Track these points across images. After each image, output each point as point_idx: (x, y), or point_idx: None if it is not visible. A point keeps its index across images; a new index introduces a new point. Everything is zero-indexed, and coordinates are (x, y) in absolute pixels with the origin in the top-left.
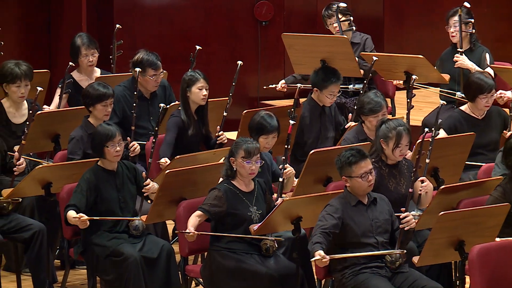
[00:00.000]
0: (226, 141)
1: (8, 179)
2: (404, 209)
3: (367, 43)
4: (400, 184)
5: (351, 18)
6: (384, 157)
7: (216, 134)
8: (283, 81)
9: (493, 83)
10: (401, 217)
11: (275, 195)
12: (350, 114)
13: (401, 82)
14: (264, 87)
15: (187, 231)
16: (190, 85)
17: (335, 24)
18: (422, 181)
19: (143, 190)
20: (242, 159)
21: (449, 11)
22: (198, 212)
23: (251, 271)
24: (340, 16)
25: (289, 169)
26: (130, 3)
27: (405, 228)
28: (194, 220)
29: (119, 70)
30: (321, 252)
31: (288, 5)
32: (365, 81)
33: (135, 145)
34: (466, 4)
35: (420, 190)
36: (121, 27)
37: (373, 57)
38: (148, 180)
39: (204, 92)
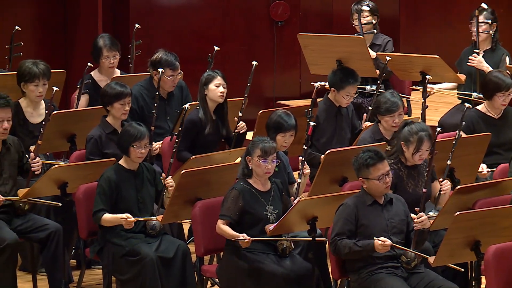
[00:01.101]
0: (245, 129)
1: (24, 179)
2: (418, 209)
3: (388, 46)
4: (418, 186)
5: (373, 20)
6: (403, 159)
7: (236, 126)
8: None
9: (511, 81)
10: (415, 217)
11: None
12: (365, 114)
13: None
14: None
15: (242, 238)
16: (207, 82)
17: (361, 21)
18: (442, 181)
19: (165, 183)
20: (259, 158)
21: (474, 10)
22: (222, 221)
23: (267, 271)
24: (367, 14)
25: (306, 167)
26: (146, 3)
27: (419, 228)
28: (227, 228)
29: (137, 70)
30: (383, 237)
31: (304, 5)
32: (378, 81)
33: (156, 147)
34: (484, 5)
35: (442, 192)
36: (140, 27)
37: (386, 57)
38: (169, 177)
39: (221, 89)
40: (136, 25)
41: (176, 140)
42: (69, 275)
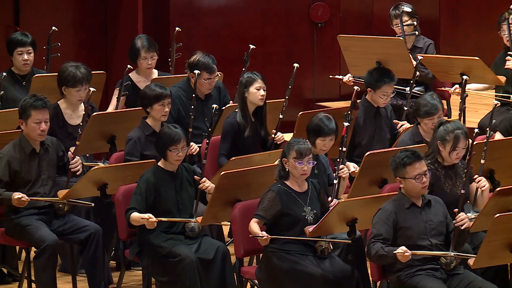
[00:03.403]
0: (282, 140)
1: (64, 180)
2: (456, 210)
3: (429, 49)
4: (456, 186)
5: (415, 22)
6: (440, 159)
7: (272, 136)
8: (349, 74)
9: None
10: (456, 217)
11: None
12: (405, 109)
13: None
14: (330, 76)
15: (260, 235)
16: (248, 85)
17: (402, 23)
18: (479, 180)
19: (199, 186)
20: (294, 159)
21: (503, 12)
22: (255, 219)
23: (307, 273)
24: (406, 18)
25: (345, 169)
26: (186, 4)
27: (461, 227)
28: (255, 226)
29: (177, 72)
30: (403, 248)
31: (344, 6)
32: (411, 81)
33: (194, 147)
34: None
35: (480, 189)
36: (180, 30)
37: (418, 56)
38: (204, 178)
39: (262, 92)
40: (177, 28)
41: (207, 141)
42: (108, 276)
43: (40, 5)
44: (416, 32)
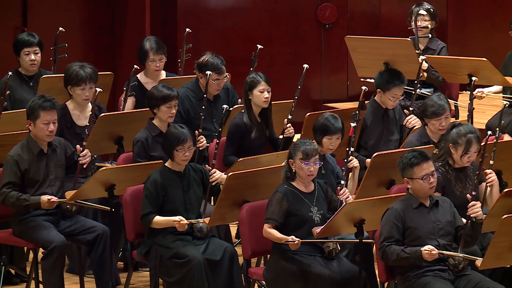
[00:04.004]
0: (293, 133)
1: (70, 183)
2: (469, 196)
3: (442, 52)
4: (466, 188)
5: (429, 25)
6: (451, 161)
7: (284, 127)
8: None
9: None
10: (468, 206)
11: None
12: (406, 111)
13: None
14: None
15: (291, 240)
16: (252, 87)
17: (418, 23)
18: (489, 174)
19: (210, 179)
20: (300, 160)
21: None
22: (268, 225)
23: (314, 274)
24: (427, 19)
25: (353, 160)
26: (194, 6)
27: (474, 219)
28: (275, 231)
29: (186, 73)
30: (430, 246)
31: (352, 7)
32: (415, 81)
33: (202, 139)
34: None
35: (487, 183)
36: (190, 31)
37: (421, 56)
38: (214, 169)
39: (266, 94)
40: (187, 30)
41: (217, 141)
42: (116, 277)
43: (48, 6)
44: (430, 35)
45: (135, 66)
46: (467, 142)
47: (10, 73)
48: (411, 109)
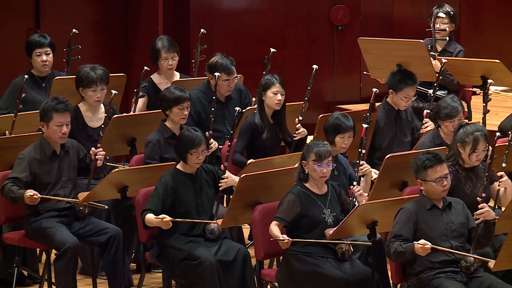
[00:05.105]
0: (305, 133)
1: (84, 183)
2: (479, 199)
3: (459, 56)
4: (477, 188)
5: (447, 27)
6: (461, 161)
7: (296, 127)
8: None
9: None
10: (475, 213)
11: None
12: (425, 111)
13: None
14: None
15: (281, 238)
16: (265, 89)
17: (437, 25)
18: (501, 176)
19: (220, 184)
20: (313, 162)
21: None
22: (275, 222)
23: (327, 275)
24: (446, 21)
25: (365, 166)
26: (207, 7)
27: (480, 220)
28: (276, 229)
29: (199, 74)
30: (423, 240)
31: (364, 9)
32: (435, 84)
33: (213, 143)
34: None
35: (499, 186)
36: (205, 31)
37: (443, 59)
38: (227, 173)
39: (279, 97)
40: (202, 30)
41: (229, 143)
42: (129, 278)
43: (61, 7)
44: (447, 38)
45: (145, 67)
46: (474, 140)
47: (26, 76)
48: (427, 111)
